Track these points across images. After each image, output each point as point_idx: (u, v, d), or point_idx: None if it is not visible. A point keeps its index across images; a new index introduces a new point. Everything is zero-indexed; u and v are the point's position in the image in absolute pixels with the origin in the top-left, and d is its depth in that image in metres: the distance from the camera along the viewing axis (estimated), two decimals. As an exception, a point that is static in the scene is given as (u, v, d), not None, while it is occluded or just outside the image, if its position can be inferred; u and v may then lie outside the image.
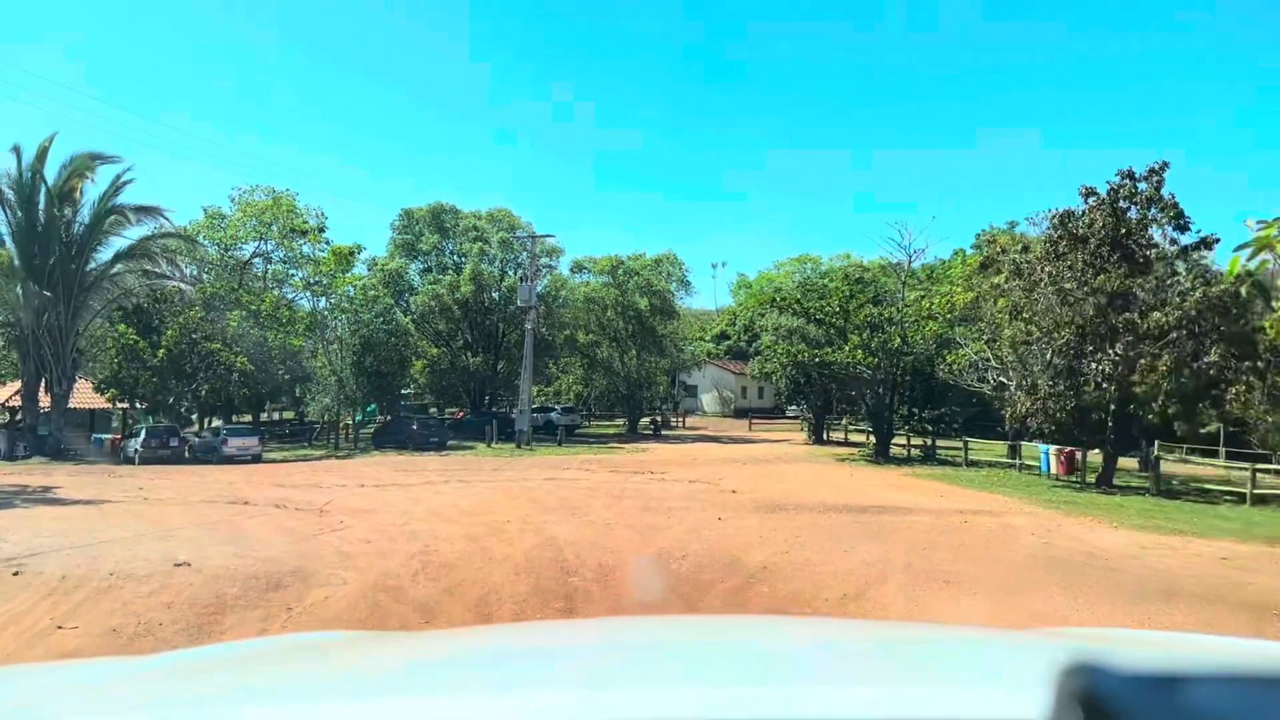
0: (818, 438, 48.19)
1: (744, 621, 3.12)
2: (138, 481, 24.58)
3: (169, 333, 36.62)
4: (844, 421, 53.62)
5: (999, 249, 31.24)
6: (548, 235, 44.84)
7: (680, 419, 62.45)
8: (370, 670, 1.88)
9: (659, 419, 54.85)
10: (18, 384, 41.84)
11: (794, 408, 73.69)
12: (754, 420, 61.20)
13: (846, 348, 33.60)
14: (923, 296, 34.87)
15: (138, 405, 39.52)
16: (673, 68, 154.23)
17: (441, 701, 1.40)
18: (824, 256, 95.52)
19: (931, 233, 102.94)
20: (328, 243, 42.06)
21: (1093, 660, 0.77)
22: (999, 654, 1.91)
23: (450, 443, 45.05)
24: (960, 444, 35.41)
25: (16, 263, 39.49)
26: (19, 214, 39.06)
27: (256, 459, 37.32)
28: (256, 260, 53.20)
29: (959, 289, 34.95)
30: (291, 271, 48.00)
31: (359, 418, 52.05)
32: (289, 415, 59.22)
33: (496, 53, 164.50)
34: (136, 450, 35.31)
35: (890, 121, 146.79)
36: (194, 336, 37.53)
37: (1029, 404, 26.01)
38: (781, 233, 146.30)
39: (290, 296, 50.02)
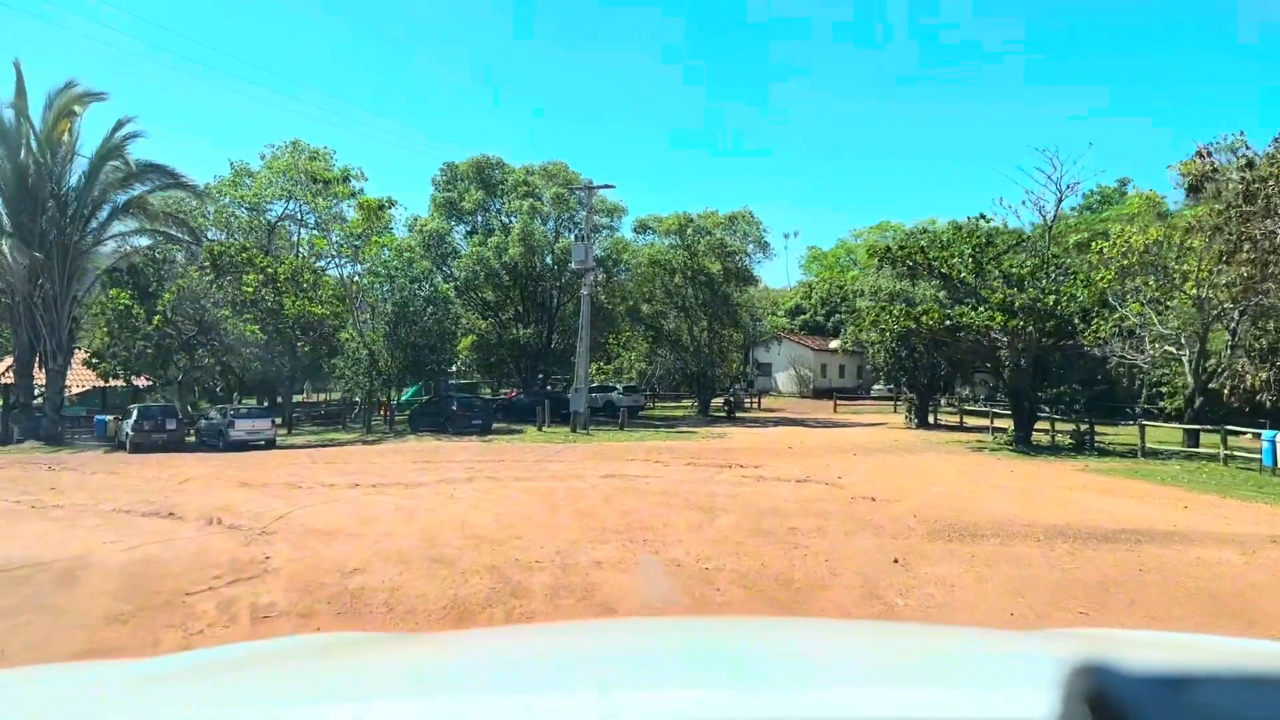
0: (921, 420, 41.19)
1: (750, 623, 3.09)
2: (68, 477, 19.08)
3: (165, 295, 31.35)
4: (954, 401, 46.41)
5: (1209, 168, 23.84)
6: (606, 185, 38.66)
7: (755, 400, 55.82)
8: (377, 672, 1.83)
9: (733, 400, 48.32)
10: (11, 360, 36.94)
11: (878, 387, 66.64)
12: (839, 400, 54.24)
13: (982, 309, 26.64)
14: (1088, 240, 27.53)
15: (141, 381, 34.45)
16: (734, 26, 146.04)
17: (450, 703, 1.41)
18: (906, 223, 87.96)
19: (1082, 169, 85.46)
20: (354, 194, 36.33)
21: (1101, 661, 0.76)
22: (1006, 654, 1.89)
23: (496, 426, 39.31)
24: (1078, 426, 28.73)
25: (4, 219, 34.65)
26: (4, 164, 34.13)
27: (270, 444, 31.96)
28: (290, 226, 47.96)
29: (1131, 232, 27.55)
30: (323, 234, 42.47)
31: (404, 397, 46.66)
32: (335, 396, 54.18)
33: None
34: (128, 435, 30.15)
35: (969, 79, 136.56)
36: (201, 302, 32.21)
37: (1261, 375, 18.91)
38: (852, 202, 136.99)
39: (322, 265, 44.66)
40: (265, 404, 45.05)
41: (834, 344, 68.58)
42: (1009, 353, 28.57)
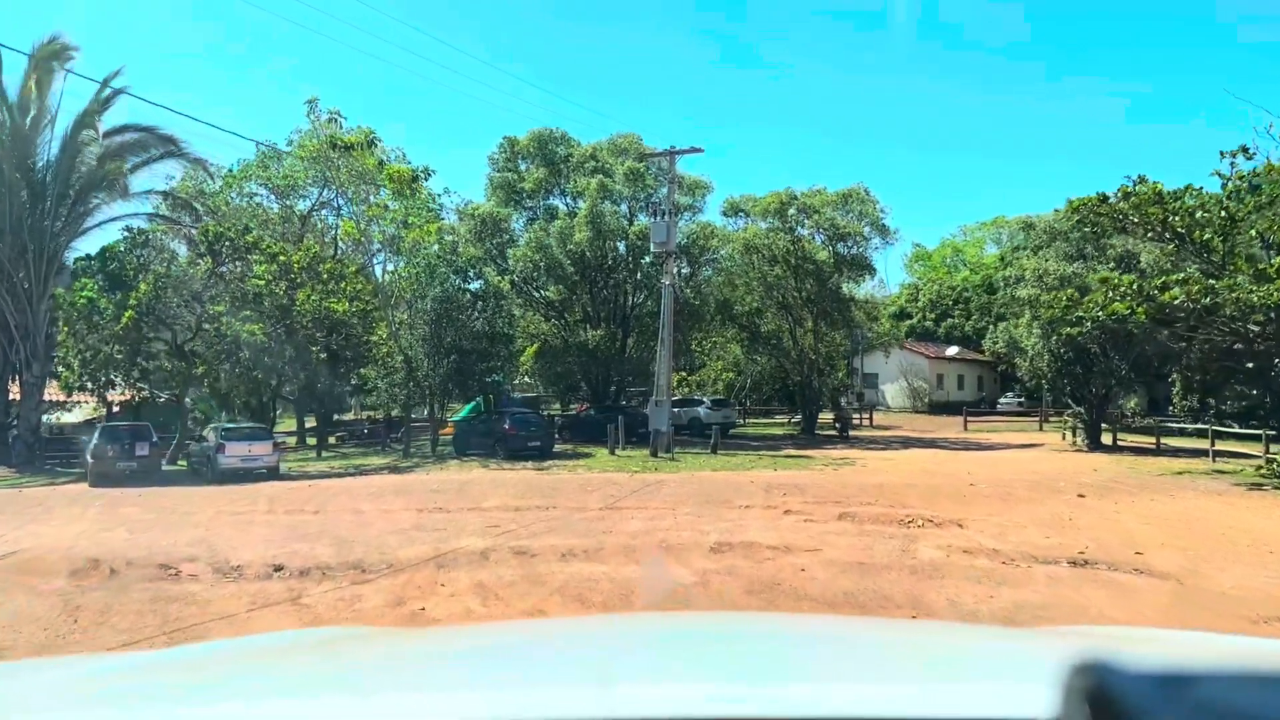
0: (1093, 440, 32.40)
1: (752, 618, 3.21)
2: None
3: (140, 286, 24.83)
4: (1125, 417, 37.20)
5: None
6: (691, 149, 30.98)
7: (864, 416, 47.32)
8: (378, 666, 1.79)
9: (845, 416, 40.07)
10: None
11: (1006, 400, 57.38)
12: (970, 416, 45.38)
13: (1244, 283, 18.13)
14: None
15: (115, 396, 28.01)
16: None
17: (451, 696, 1.40)
18: (1009, 216, 78.13)
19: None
20: (381, 164, 29.52)
21: (1101, 658, 0.76)
22: (1007, 652, 1.87)
23: (559, 447, 31.98)
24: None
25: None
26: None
27: (273, 472, 25.19)
28: (326, 216, 41.64)
29: None
30: (352, 217, 35.72)
31: (462, 414, 39.72)
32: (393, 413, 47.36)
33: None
34: (88, 463, 23.68)
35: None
36: (182, 295, 25.66)
37: None
38: (961, 197, 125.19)
39: (357, 258, 38.10)
40: (306, 422, 38.73)
41: (951, 351, 59.69)
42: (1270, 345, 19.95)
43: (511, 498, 16.22)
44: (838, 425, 38.95)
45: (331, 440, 38.94)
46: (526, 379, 46.33)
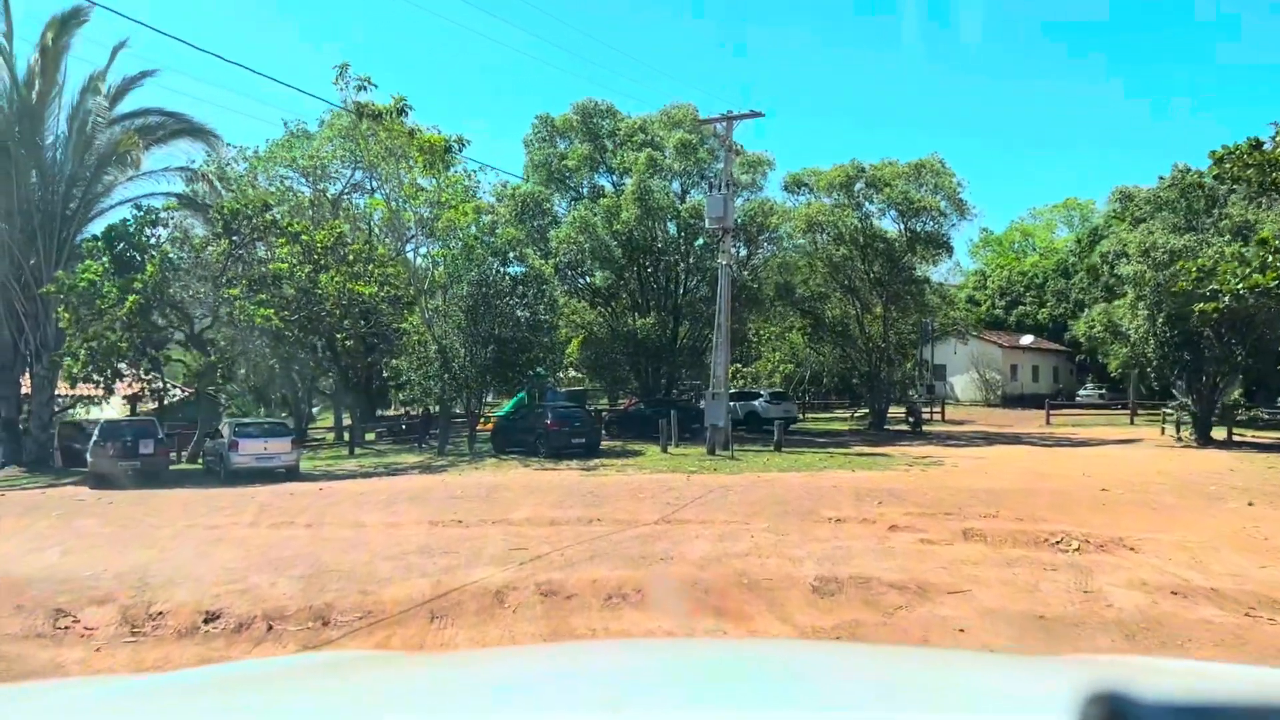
0: (1203, 436, 28.71)
1: (766, 645, 3.20)
2: None
3: (148, 268, 22.55)
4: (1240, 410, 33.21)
5: None
6: (751, 114, 27.64)
7: (935, 410, 43.71)
8: (387, 690, 1.76)
9: (916, 409, 36.67)
10: None
11: (1086, 391, 53.21)
12: (1052, 410, 41.58)
13: None
14: None
15: (122, 389, 25.83)
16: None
17: None
18: (1098, 200, 73.38)
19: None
20: (411, 133, 26.93)
21: (1117, 688, 0.75)
22: (1020, 680, 1.84)
23: (606, 444, 29.24)
24: None
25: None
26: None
27: (292, 472, 22.85)
28: (357, 200, 39.34)
29: None
30: (384, 197, 33.23)
31: (506, 409, 37.19)
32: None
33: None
34: (88, 463, 21.48)
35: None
36: (191, 277, 23.37)
37: None
38: (1020, 183, 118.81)
39: (389, 243, 35.76)
40: (344, 417, 36.50)
41: (1025, 340, 55.73)
42: None
43: (547, 506, 13.42)
44: (910, 420, 35.58)
45: (370, 437, 36.68)
46: (573, 372, 43.68)
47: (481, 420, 33.41)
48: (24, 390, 27.91)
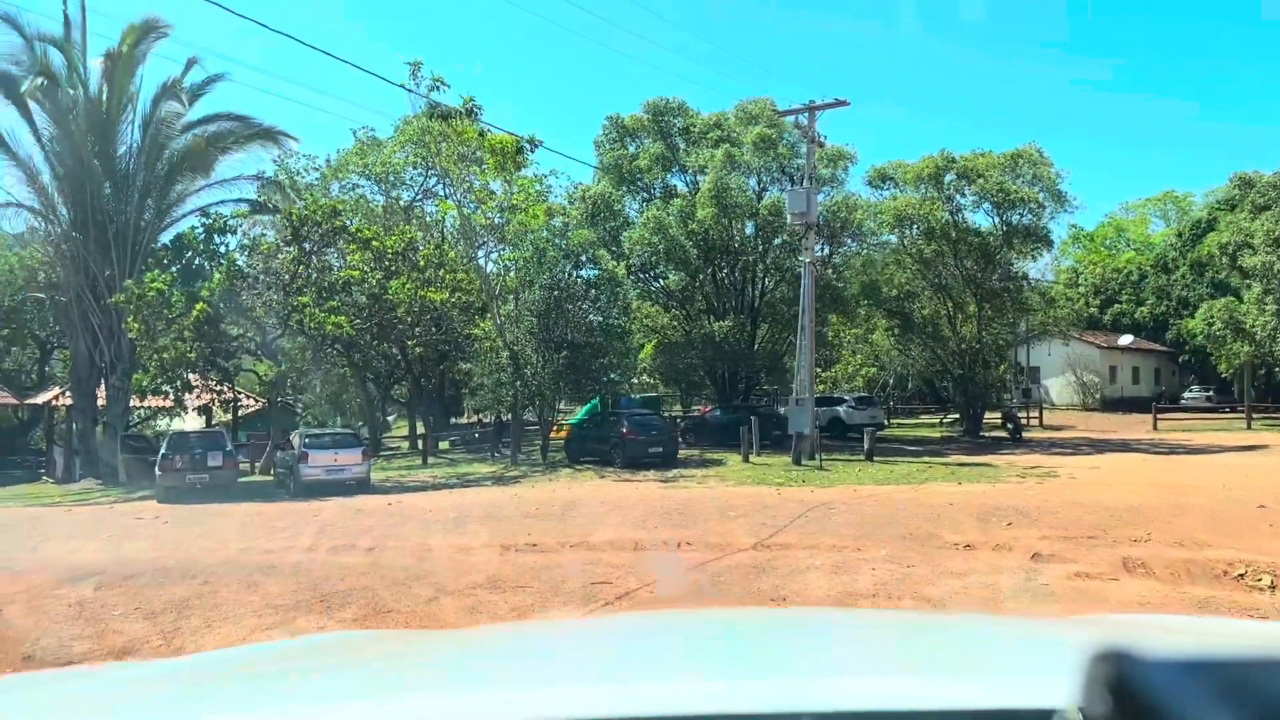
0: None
1: (771, 614, 3.12)
2: None
3: (215, 276, 22.09)
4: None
5: None
6: (836, 103, 25.88)
7: (1033, 414, 41.16)
8: (398, 668, 1.78)
9: (1014, 415, 34.42)
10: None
11: (1192, 394, 49.73)
12: (1159, 413, 38.73)
13: None
14: None
15: (193, 400, 25.44)
16: None
17: (470, 697, 1.37)
18: (1195, 193, 69.16)
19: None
20: (482, 134, 26.03)
21: (1123, 646, 0.75)
22: (1027, 641, 1.85)
23: (683, 453, 27.90)
24: None
25: (50, 186, 26.81)
26: (54, 108, 26.10)
27: (363, 484, 22.12)
28: (429, 207, 38.85)
29: None
30: (455, 200, 32.46)
31: (578, 416, 36.19)
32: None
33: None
34: (156, 475, 21.03)
35: None
36: (259, 286, 22.81)
37: None
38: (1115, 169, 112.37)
39: (459, 248, 35.04)
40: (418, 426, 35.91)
41: (1125, 340, 52.54)
42: None
43: (629, 527, 12.14)
44: (1008, 426, 33.33)
45: (444, 446, 36.06)
46: (647, 378, 42.45)
47: (555, 428, 32.43)
48: (100, 402, 27.91)
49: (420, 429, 36.01)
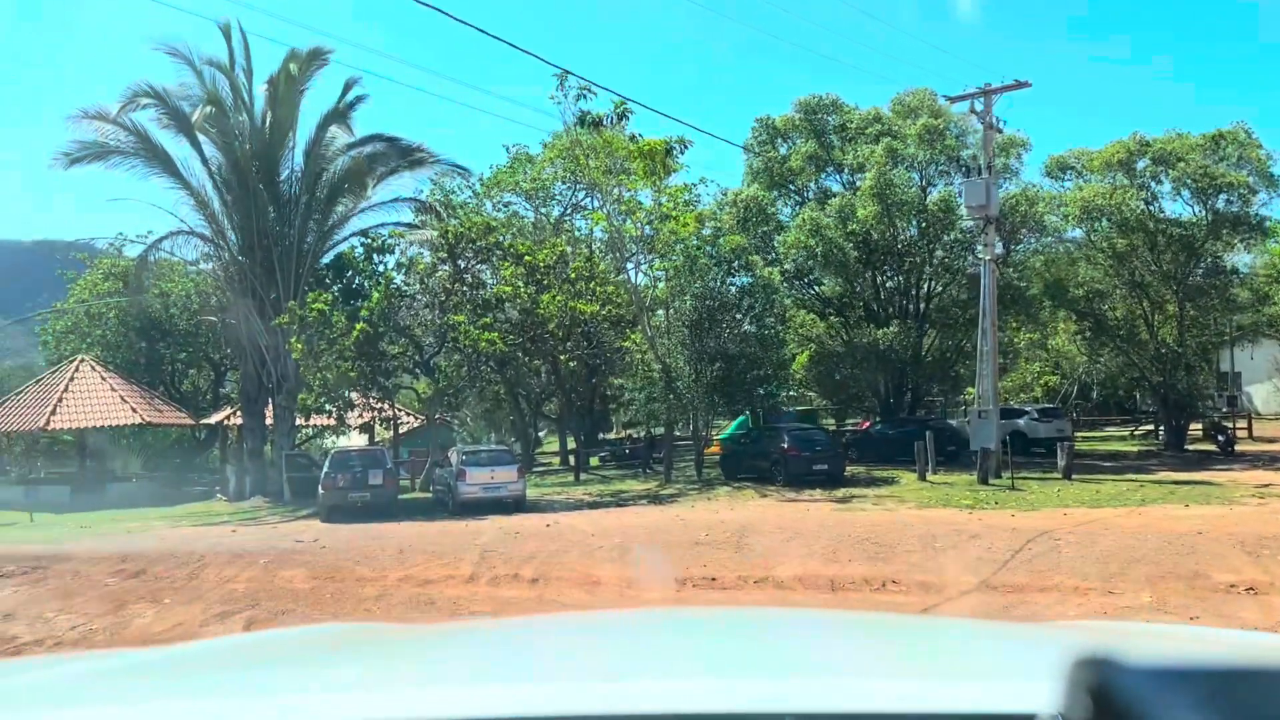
0: None
1: (758, 614, 3.08)
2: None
3: (374, 295, 22.09)
4: None
5: None
6: (1017, 85, 23.22)
7: (1242, 425, 36.68)
8: (390, 660, 1.78)
9: (1225, 426, 30.60)
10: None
11: None
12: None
13: None
14: None
15: (358, 418, 25.57)
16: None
17: (459, 692, 1.35)
18: None
19: None
20: (633, 139, 25.12)
21: (1105, 652, 0.75)
22: (1009, 646, 1.84)
23: (849, 471, 26.00)
24: None
25: (219, 213, 27.77)
26: (221, 135, 27.03)
27: (519, 504, 21.50)
28: (579, 222, 38.54)
29: None
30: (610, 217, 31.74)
31: (728, 431, 34.91)
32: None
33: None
34: (319, 494, 21.09)
35: None
36: (427, 302, 22.66)
37: None
38: None
39: (609, 260, 34.36)
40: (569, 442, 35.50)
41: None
42: None
43: (818, 559, 10.66)
44: (1218, 439, 29.58)
45: (594, 462, 35.46)
46: (805, 391, 40.50)
47: (707, 445, 31.17)
48: (268, 422, 28.70)
49: (571, 445, 35.53)
